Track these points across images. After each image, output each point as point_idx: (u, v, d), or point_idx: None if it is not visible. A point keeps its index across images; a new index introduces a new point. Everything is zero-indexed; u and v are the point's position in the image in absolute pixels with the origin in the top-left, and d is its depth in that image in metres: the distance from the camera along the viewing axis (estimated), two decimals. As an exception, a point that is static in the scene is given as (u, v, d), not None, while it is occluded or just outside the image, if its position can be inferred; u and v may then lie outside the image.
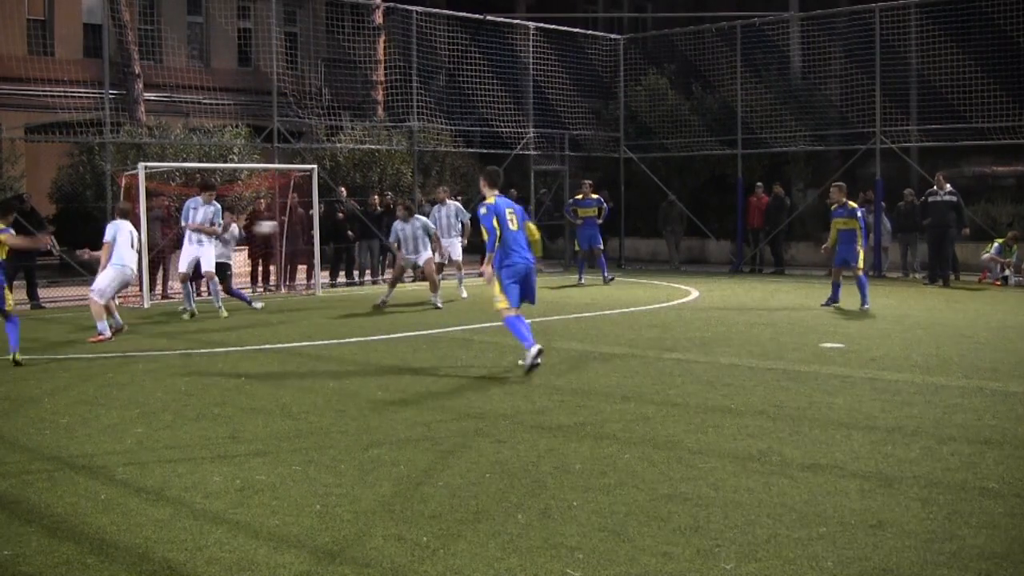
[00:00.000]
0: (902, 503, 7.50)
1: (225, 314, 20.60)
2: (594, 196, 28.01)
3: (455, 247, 24.53)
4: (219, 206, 21.24)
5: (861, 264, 20.90)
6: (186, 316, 20.69)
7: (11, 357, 14.36)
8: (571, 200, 29.36)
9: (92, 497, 7.89)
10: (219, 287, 21.25)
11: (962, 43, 28.02)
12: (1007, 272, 26.21)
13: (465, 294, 24.20)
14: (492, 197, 13.85)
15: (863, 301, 20.60)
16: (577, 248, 28.94)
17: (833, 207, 21.38)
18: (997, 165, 35.72)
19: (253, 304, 22.06)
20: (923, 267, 28.09)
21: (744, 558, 6.43)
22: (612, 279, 27.95)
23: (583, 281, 27.51)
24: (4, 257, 14.22)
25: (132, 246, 17.52)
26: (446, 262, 24.50)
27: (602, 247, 28.28)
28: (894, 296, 23.16)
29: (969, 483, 8.02)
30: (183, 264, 21.02)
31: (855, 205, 21.37)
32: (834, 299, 21.29)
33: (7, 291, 14.29)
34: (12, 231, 14.31)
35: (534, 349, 13.25)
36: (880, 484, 8.01)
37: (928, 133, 29.19)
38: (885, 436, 9.60)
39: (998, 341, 15.94)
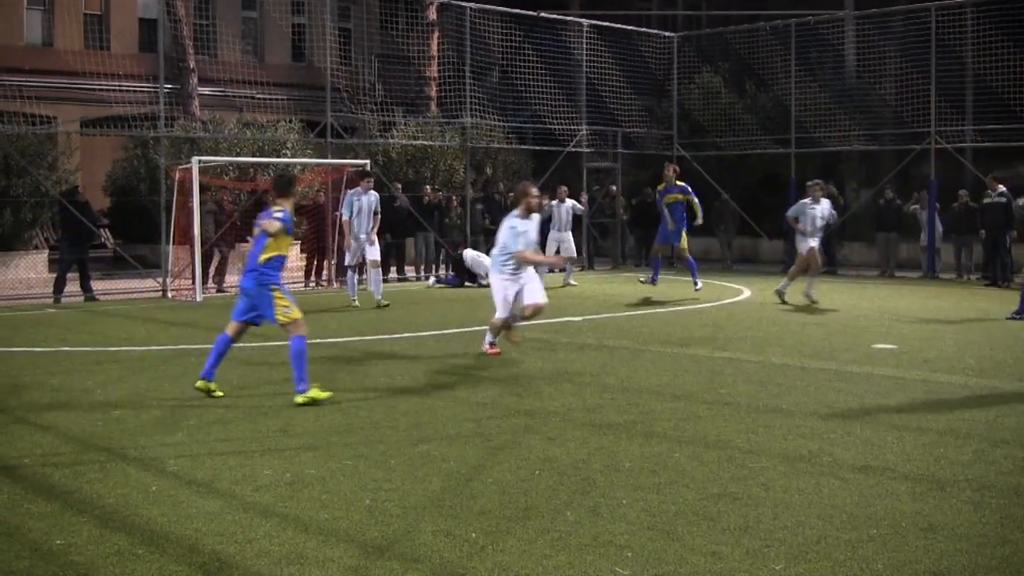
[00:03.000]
0: (954, 506, 7.45)
1: (386, 303, 21.50)
2: (679, 183, 24.26)
3: (571, 242, 26.09)
4: (377, 194, 21.81)
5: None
6: (387, 303, 21.53)
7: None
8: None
9: (143, 488, 7.95)
10: (381, 277, 22.21)
11: (1019, 42, 27.75)
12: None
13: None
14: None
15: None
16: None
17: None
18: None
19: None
20: (978, 269, 27.91)
21: (794, 559, 6.40)
22: (651, 282, 24.81)
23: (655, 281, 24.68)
24: (284, 253, 12.10)
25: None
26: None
27: (682, 246, 24.14)
28: (947, 297, 22.97)
29: (1022, 487, 7.96)
30: (351, 256, 21.70)
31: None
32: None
33: (277, 296, 11.88)
34: (288, 215, 11.92)
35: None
36: (932, 487, 7.95)
37: (984, 133, 28.96)
38: (937, 438, 9.53)
39: (1053, 344, 15.80)
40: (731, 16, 40.44)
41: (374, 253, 21.71)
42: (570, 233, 26.15)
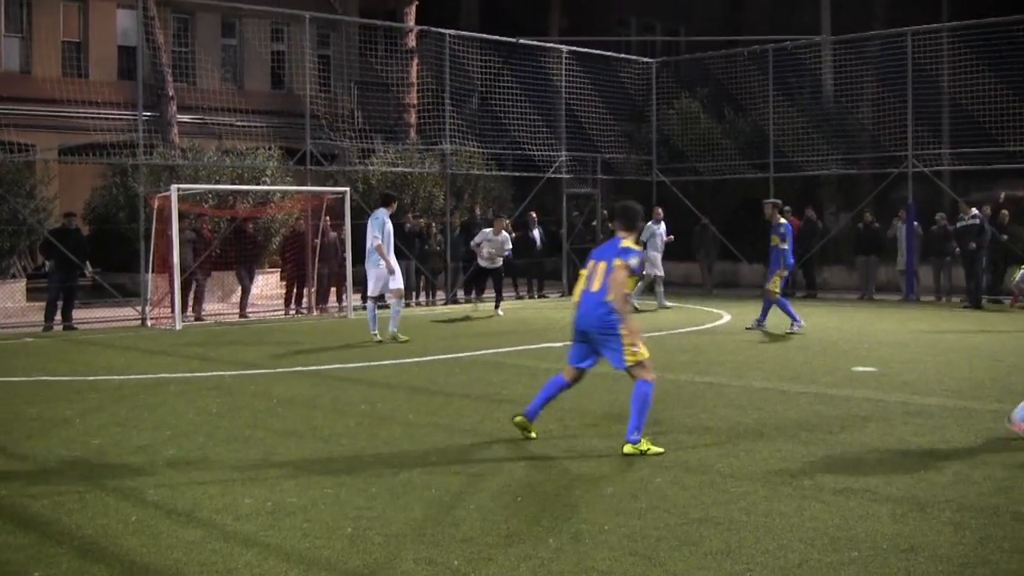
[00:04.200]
0: (935, 527, 7.46)
1: (404, 339, 19.88)
2: (782, 220, 21.19)
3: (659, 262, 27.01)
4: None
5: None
6: (379, 339, 19.91)
7: None
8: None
9: (123, 519, 7.92)
10: (400, 308, 20.54)
11: (994, 67, 27.93)
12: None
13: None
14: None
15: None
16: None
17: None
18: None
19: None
20: (954, 292, 28.13)
21: (776, 583, 6.41)
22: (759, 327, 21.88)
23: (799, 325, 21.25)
24: (631, 291, 10.94)
25: None
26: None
27: (774, 290, 21.27)
28: (926, 320, 23.05)
29: (1002, 508, 7.97)
30: (377, 286, 20.05)
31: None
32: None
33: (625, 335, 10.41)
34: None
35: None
36: (912, 508, 7.97)
37: (960, 157, 29.13)
38: (918, 460, 9.55)
39: (1032, 365, 15.86)
40: (709, 42, 40.65)
41: (398, 282, 20.14)
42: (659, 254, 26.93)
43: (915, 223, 29.18)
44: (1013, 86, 27.67)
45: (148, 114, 28.09)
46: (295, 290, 27.30)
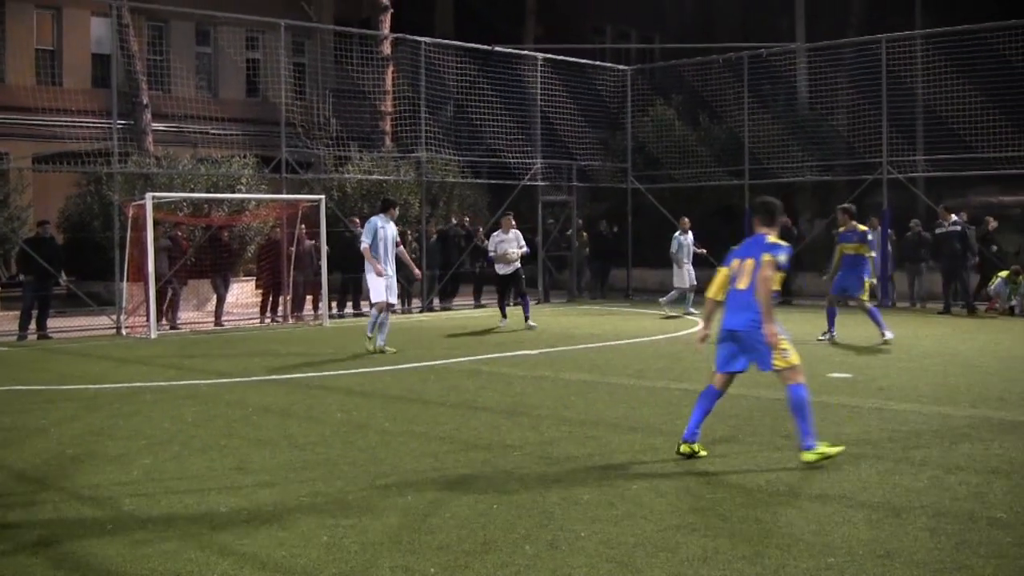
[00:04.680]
0: (910, 533, 7.48)
1: (393, 350, 19.28)
2: (860, 228, 20.99)
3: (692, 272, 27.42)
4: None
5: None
6: (371, 348, 19.29)
7: None
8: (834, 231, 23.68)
9: (98, 528, 7.88)
10: (389, 320, 19.70)
11: (968, 74, 28.06)
12: (1013, 302, 26.20)
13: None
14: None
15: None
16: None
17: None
18: (1004, 195, 35.73)
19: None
20: (931, 298, 28.15)
21: (752, 589, 6.41)
22: (886, 340, 19.96)
23: (833, 335, 20.95)
24: (779, 288, 10.46)
25: None
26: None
27: (863, 297, 20.54)
28: (902, 326, 23.10)
29: (977, 513, 8.00)
30: (384, 292, 19.05)
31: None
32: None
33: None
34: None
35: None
36: (888, 514, 7.99)
37: (935, 163, 29.22)
38: (892, 466, 9.58)
39: (1006, 371, 15.92)
40: (684, 49, 40.69)
41: (378, 294, 19.08)
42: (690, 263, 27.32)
43: (889, 230, 29.25)
44: (987, 93, 27.79)
45: (122, 122, 28.00)
46: (270, 298, 27.23)
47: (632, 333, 22.47)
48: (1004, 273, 26.67)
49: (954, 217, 26.48)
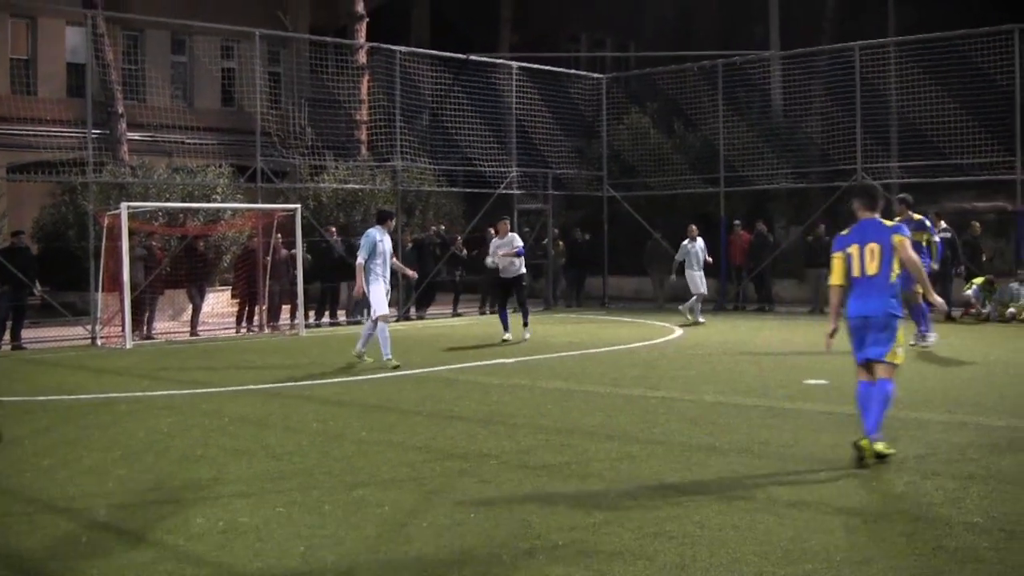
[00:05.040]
0: (887, 539, 7.50)
1: (370, 360, 18.94)
2: (916, 217, 20.07)
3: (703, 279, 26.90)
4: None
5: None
6: (370, 360, 18.93)
7: None
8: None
9: (74, 540, 7.84)
10: (372, 332, 19.06)
11: (941, 81, 28.17)
12: (987, 308, 26.27)
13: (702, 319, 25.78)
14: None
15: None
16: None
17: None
18: (977, 200, 35.85)
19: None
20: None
21: (730, 597, 6.41)
22: (928, 340, 20.03)
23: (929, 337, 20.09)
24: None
25: None
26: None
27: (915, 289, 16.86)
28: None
29: (953, 518, 8.01)
30: (384, 304, 18.69)
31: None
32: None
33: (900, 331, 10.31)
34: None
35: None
36: (866, 520, 8.00)
37: (909, 170, 29.32)
38: (870, 472, 9.59)
39: (981, 376, 15.98)
40: (659, 57, 40.76)
41: (378, 306, 18.60)
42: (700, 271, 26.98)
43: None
44: (959, 99, 27.90)
45: (97, 132, 27.92)
46: (246, 308, 27.16)
47: (608, 341, 22.48)
48: (979, 280, 26.75)
49: (943, 224, 26.40)
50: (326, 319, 28.76)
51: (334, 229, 29.12)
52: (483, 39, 44.11)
